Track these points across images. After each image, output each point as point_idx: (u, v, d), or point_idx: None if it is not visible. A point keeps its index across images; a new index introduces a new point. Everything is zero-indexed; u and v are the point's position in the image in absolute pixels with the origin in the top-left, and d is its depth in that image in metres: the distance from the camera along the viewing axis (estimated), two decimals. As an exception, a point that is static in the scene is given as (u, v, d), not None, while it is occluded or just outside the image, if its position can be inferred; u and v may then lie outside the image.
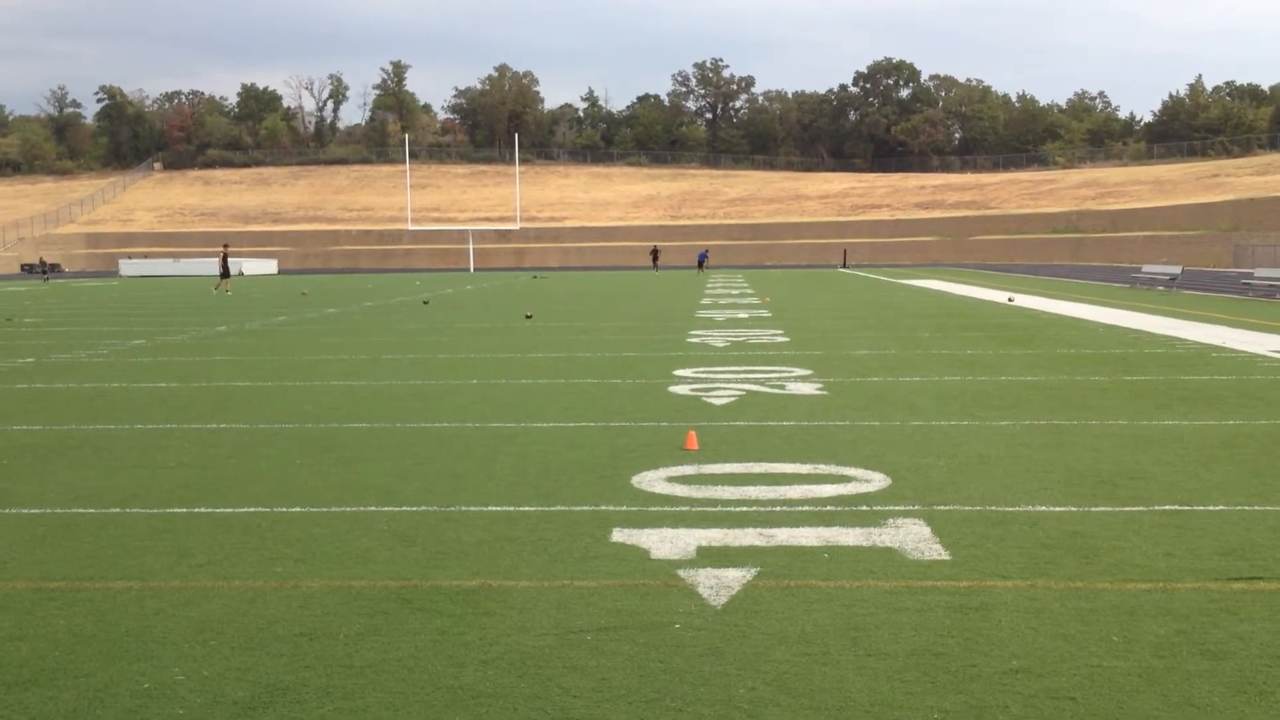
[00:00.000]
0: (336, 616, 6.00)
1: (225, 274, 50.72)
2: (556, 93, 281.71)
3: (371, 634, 5.72)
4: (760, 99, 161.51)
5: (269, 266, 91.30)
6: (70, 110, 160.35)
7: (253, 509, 8.43)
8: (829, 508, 8.25)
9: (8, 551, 7.35)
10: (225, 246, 55.77)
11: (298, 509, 8.41)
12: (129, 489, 9.18)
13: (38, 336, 25.72)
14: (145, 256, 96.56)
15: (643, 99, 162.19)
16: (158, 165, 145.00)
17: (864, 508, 8.23)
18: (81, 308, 39.19)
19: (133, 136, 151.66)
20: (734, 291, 45.61)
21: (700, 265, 72.86)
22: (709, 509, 8.24)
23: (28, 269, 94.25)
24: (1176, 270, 44.06)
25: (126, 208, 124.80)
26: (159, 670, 5.27)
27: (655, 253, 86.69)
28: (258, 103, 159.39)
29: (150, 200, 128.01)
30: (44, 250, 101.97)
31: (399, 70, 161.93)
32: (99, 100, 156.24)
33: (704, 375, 16.53)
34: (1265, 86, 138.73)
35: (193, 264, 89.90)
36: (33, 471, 9.98)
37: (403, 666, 5.29)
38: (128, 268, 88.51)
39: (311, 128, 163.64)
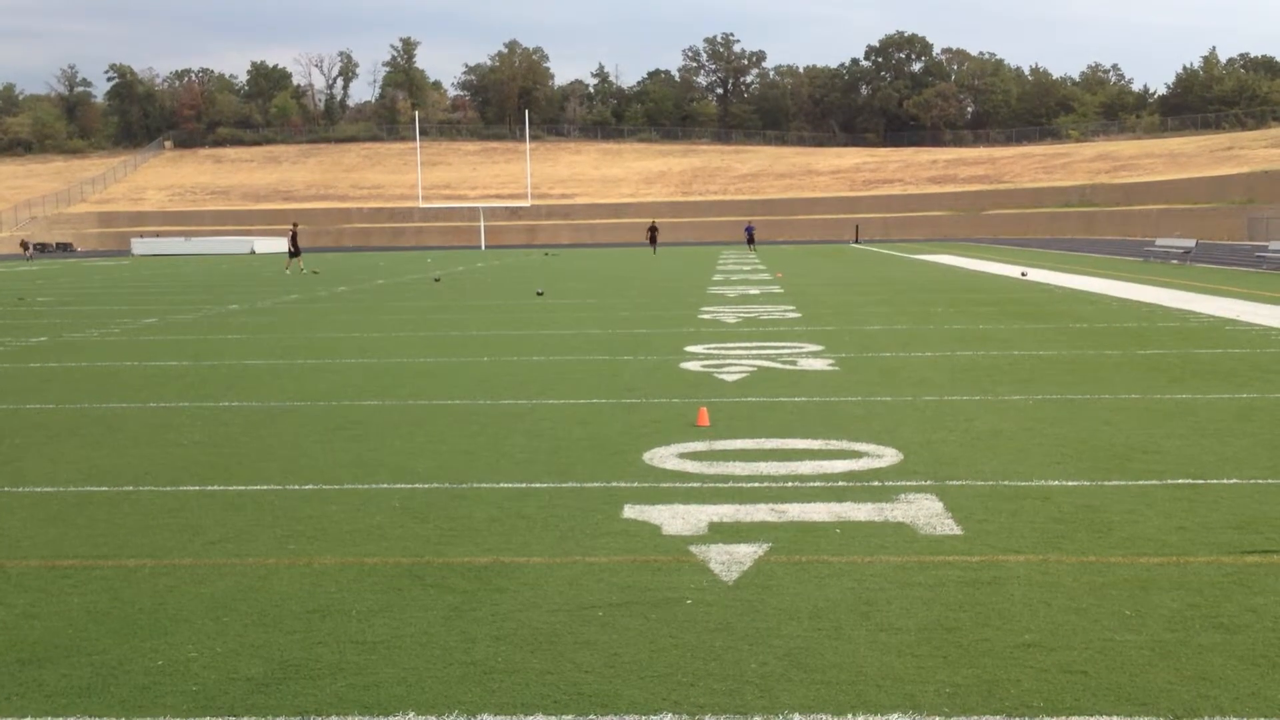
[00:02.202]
0: (349, 593, 6.01)
1: (295, 252, 48.05)
2: (567, 69, 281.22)
3: (384, 611, 5.74)
4: (771, 74, 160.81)
5: (280, 245, 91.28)
6: (80, 89, 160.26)
7: (265, 486, 8.46)
8: (841, 483, 8.24)
9: (21, 530, 7.38)
10: (295, 225, 51.12)
11: (310, 486, 8.43)
12: (142, 467, 9.21)
13: (50, 316, 25.79)
14: (157, 235, 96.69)
15: (653, 75, 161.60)
16: (168, 144, 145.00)
17: (876, 483, 8.22)
18: (94, 287, 39.28)
19: (143, 115, 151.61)
20: (746, 268, 45.54)
21: (749, 240, 71.28)
22: (720, 485, 8.23)
23: (40, 249, 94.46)
24: (1190, 244, 43.86)
25: (138, 186, 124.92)
26: (172, 647, 5.29)
27: (653, 230, 69.90)
28: (268, 80, 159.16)
29: (161, 179, 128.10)
30: (56, 229, 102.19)
31: (409, 47, 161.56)
32: (109, 79, 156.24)
33: (716, 351, 16.52)
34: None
35: (205, 243, 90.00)
36: (46, 450, 10.02)
37: (415, 643, 5.30)
38: (140, 247, 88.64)
39: (321, 105, 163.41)
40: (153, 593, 6.08)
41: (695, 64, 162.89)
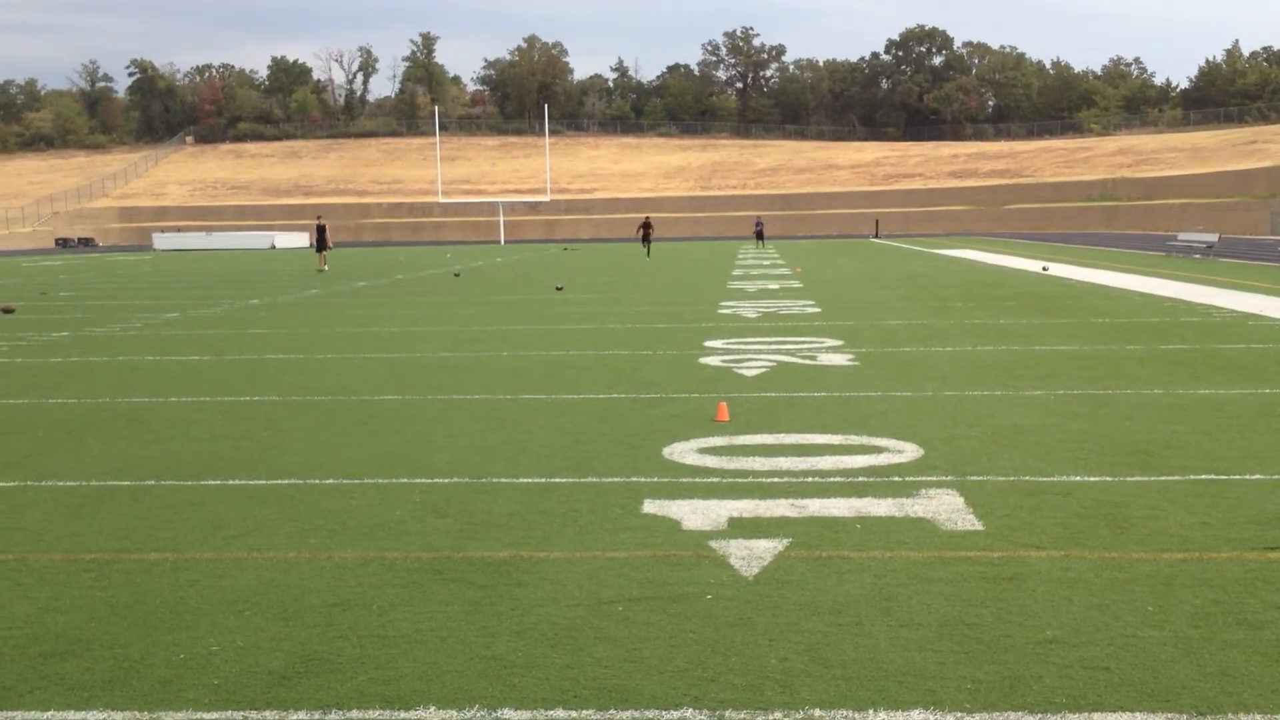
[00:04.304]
0: (369, 587, 6.02)
1: (322, 247, 45.18)
2: (586, 63, 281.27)
3: (404, 605, 5.75)
4: (791, 68, 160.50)
5: (300, 240, 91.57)
6: (102, 84, 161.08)
7: (286, 481, 8.48)
8: (861, 478, 8.22)
9: (44, 524, 7.42)
10: (319, 218, 48.12)
11: (330, 481, 8.45)
12: (163, 461, 9.24)
13: (72, 310, 25.92)
14: (178, 230, 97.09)
15: (672, 69, 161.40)
16: (189, 139, 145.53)
17: (896, 478, 8.20)
18: (116, 282, 39.45)
19: (164, 110, 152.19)
20: (765, 262, 45.47)
21: (759, 237, 70.57)
22: (740, 480, 8.22)
23: (61, 243, 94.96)
24: (1213, 238, 43.61)
25: (159, 181, 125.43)
26: (194, 641, 5.31)
27: (647, 227, 55.67)
28: (288, 75, 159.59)
29: (182, 174, 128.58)
30: (78, 224, 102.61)
31: (428, 42, 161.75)
32: (130, 74, 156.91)
33: (735, 346, 16.50)
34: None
35: (225, 238, 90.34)
36: (68, 444, 10.07)
37: (435, 637, 5.31)
38: (161, 241, 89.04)
39: (341, 100, 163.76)
40: (174, 586, 6.10)
41: (714, 58, 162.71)
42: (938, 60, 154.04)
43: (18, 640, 5.36)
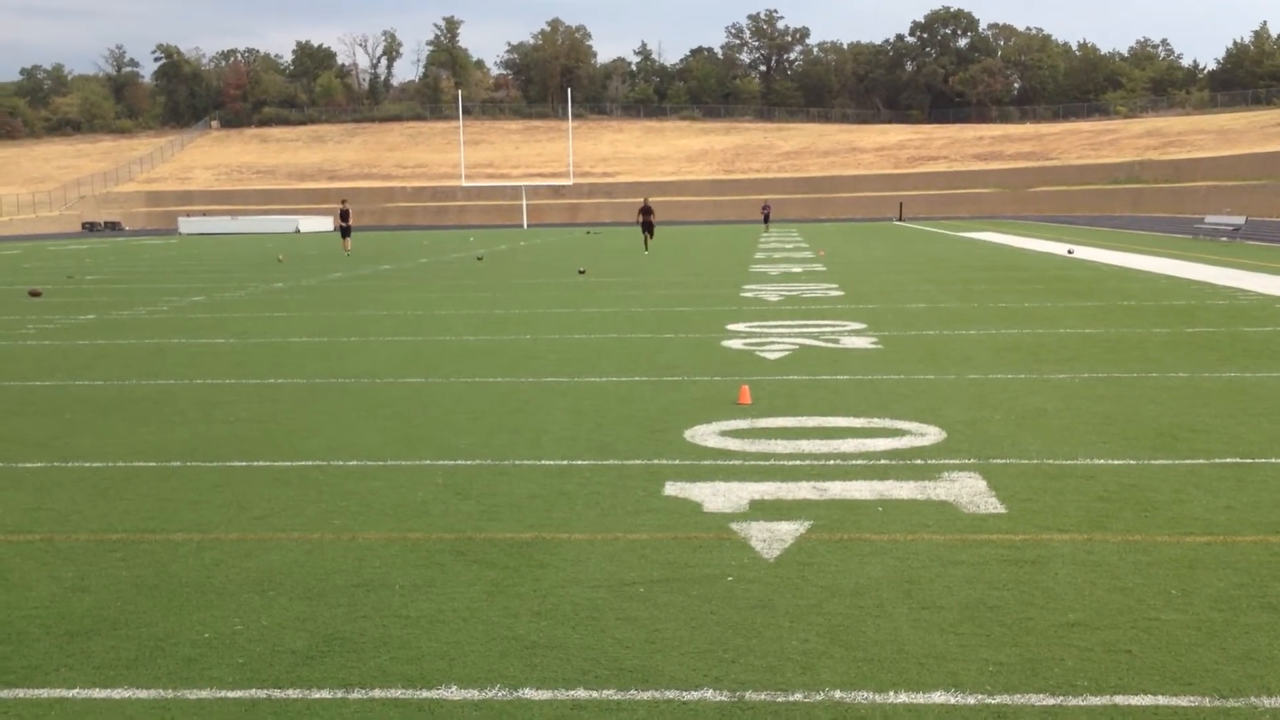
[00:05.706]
0: (393, 568, 6.06)
1: (346, 231, 44.43)
2: (609, 47, 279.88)
3: (427, 585, 5.77)
4: (815, 50, 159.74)
5: (325, 224, 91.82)
6: (128, 69, 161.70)
7: (310, 462, 8.52)
8: (883, 461, 8.21)
9: (70, 504, 7.48)
10: (344, 202, 46.60)
11: (354, 462, 8.49)
12: (189, 443, 9.30)
13: (99, 294, 26.07)
14: (204, 214, 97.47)
15: (696, 52, 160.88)
16: (215, 123, 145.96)
17: (918, 461, 8.18)
18: (141, 265, 39.66)
19: (190, 95, 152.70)
20: (788, 245, 45.36)
21: (765, 220, 70.42)
22: (762, 463, 8.22)
23: (88, 227, 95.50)
24: (1240, 221, 43.28)
25: (185, 166, 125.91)
26: (219, 620, 5.35)
27: (647, 211, 44.63)
28: (312, 60, 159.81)
29: (208, 158, 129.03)
30: (105, 209, 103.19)
31: (452, 26, 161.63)
32: (156, 59, 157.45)
33: (757, 329, 16.48)
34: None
35: (250, 221, 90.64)
36: (94, 426, 10.14)
37: (458, 617, 5.33)
38: (187, 225, 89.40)
39: (366, 85, 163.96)
40: (199, 566, 6.15)
41: (738, 41, 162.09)
42: (963, 42, 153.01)
43: (44, 619, 5.41)
